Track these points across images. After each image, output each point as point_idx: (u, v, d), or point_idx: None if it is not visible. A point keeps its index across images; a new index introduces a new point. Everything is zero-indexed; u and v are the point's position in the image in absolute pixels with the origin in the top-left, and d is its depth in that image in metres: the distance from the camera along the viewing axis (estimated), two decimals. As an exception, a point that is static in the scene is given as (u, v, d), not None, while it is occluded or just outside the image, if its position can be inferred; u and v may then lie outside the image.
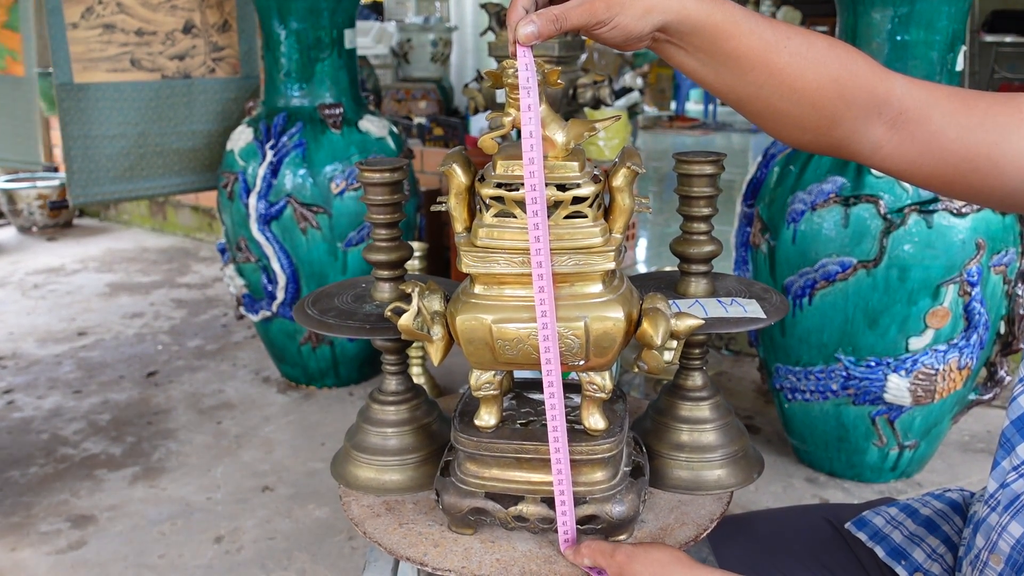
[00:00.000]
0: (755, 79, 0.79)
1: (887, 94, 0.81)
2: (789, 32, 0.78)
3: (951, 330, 1.91)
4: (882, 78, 0.81)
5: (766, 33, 0.77)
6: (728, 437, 0.98)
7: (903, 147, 0.82)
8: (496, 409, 0.87)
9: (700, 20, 0.75)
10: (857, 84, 0.80)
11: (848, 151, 0.84)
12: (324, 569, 1.89)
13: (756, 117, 0.83)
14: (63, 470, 2.31)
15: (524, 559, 0.85)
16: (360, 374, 2.82)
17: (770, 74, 0.78)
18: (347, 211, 2.53)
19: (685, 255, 0.99)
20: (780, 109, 0.81)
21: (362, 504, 0.95)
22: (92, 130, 2.48)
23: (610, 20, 0.72)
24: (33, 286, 3.96)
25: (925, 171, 0.82)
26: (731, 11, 0.76)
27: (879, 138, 0.82)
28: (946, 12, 1.85)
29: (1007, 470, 0.81)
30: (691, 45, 0.77)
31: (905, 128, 0.81)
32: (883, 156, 0.83)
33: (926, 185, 0.84)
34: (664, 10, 0.74)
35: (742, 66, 0.78)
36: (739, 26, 0.76)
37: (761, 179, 2.16)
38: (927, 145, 0.81)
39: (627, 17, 0.73)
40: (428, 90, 4.72)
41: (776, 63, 0.78)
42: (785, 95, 0.79)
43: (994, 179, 0.80)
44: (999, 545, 0.80)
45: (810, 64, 0.79)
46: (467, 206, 0.82)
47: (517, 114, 0.78)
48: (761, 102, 0.81)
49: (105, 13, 2.43)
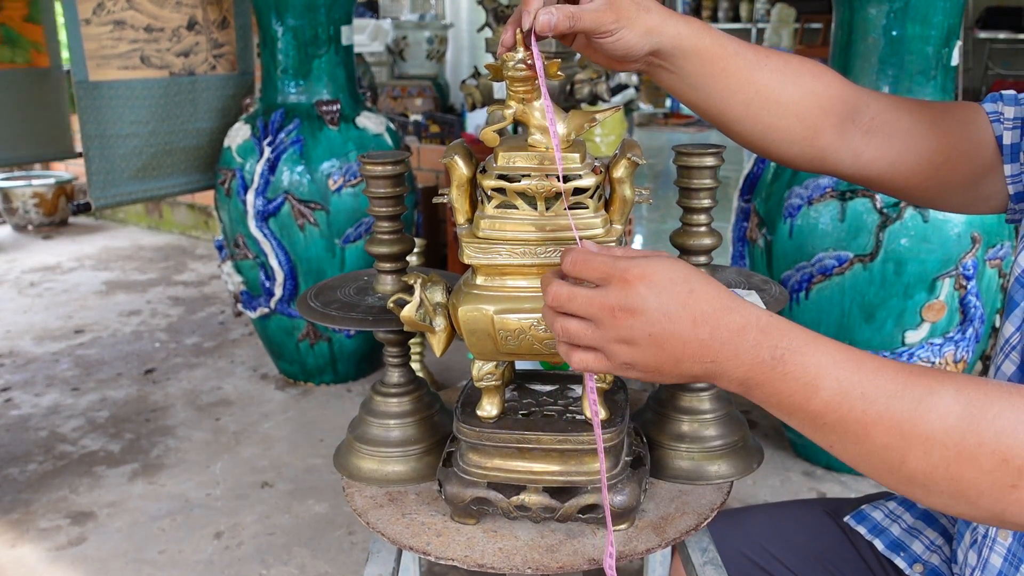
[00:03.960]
0: (743, 97, 0.85)
1: (857, 101, 0.89)
2: (767, 52, 0.86)
3: (947, 323, 1.92)
4: (851, 88, 0.90)
5: (748, 53, 0.85)
6: (728, 428, 0.99)
7: (881, 150, 0.88)
8: (498, 399, 0.87)
9: (692, 44, 0.82)
10: (831, 94, 0.88)
11: (832, 161, 0.90)
12: (324, 564, 1.89)
13: (746, 137, 0.90)
14: (62, 467, 2.31)
15: (527, 548, 0.86)
16: (358, 370, 2.82)
17: (756, 91, 0.85)
18: (345, 207, 2.53)
19: (685, 247, 0.99)
20: (768, 124, 0.87)
21: (365, 495, 0.96)
22: (107, 129, 2.48)
23: (616, 31, 0.77)
24: (29, 284, 3.95)
25: (904, 172, 0.88)
26: (716, 35, 0.83)
27: (857, 145, 0.89)
28: (941, 7, 1.86)
29: None
30: (682, 70, 0.83)
31: (880, 132, 0.88)
32: (864, 162, 0.89)
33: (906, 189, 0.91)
34: (662, 32, 0.80)
35: (730, 86, 0.84)
36: (725, 48, 0.83)
37: (758, 174, 2.17)
38: (903, 144, 0.88)
39: (631, 33, 0.78)
40: (424, 87, 4.72)
41: (760, 80, 0.85)
42: (772, 109, 0.86)
43: (964, 167, 0.86)
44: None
45: (789, 78, 0.86)
46: (469, 198, 0.83)
47: (517, 107, 0.79)
48: (750, 120, 0.87)
49: (115, 9, 2.42)
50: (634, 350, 0.62)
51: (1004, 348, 0.83)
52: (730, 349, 0.61)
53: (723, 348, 0.61)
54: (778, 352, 0.60)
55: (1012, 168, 0.86)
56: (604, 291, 0.62)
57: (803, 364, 0.60)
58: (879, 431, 0.59)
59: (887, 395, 0.59)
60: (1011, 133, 0.86)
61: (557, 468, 0.86)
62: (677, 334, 0.61)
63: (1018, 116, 0.86)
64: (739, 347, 0.61)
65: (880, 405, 0.59)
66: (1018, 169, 0.87)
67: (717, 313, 0.61)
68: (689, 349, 0.61)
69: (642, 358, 0.63)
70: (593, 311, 0.63)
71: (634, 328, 0.61)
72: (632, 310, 0.61)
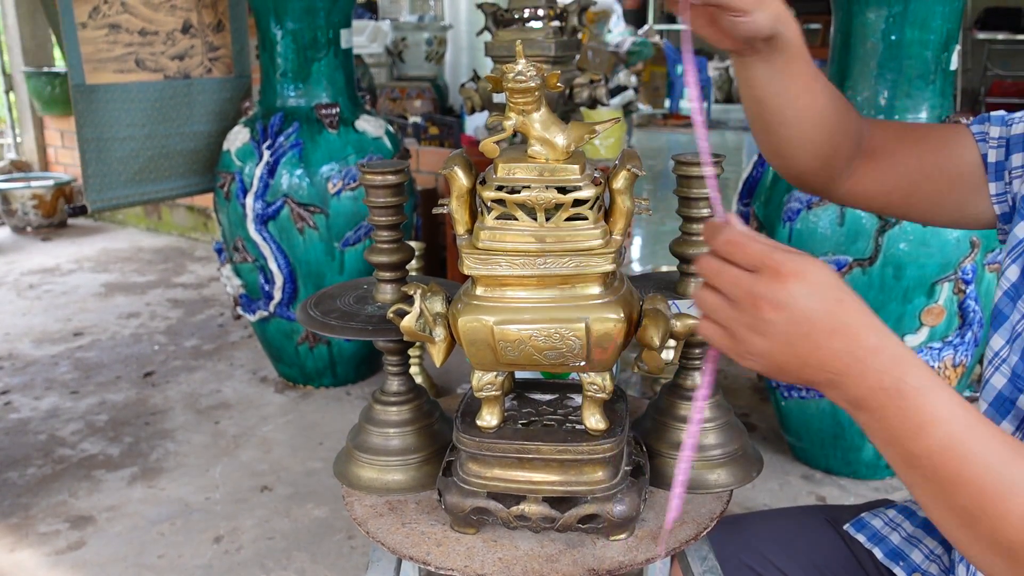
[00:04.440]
0: (802, 103, 0.90)
1: (860, 124, 0.96)
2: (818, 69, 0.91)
3: (946, 328, 1.92)
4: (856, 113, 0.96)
5: (813, 64, 0.90)
6: (728, 436, 0.99)
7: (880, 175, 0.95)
8: (498, 409, 0.88)
9: (794, 38, 0.85)
10: (850, 116, 0.94)
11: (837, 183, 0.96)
12: (323, 568, 1.89)
13: (783, 142, 0.94)
14: (61, 471, 2.31)
15: (526, 558, 0.86)
16: (357, 373, 2.82)
17: (812, 99, 0.89)
18: (344, 211, 2.53)
19: (684, 256, 0.99)
20: (807, 134, 0.91)
21: (365, 504, 0.96)
22: (104, 132, 2.48)
23: (752, 12, 0.79)
24: (28, 286, 3.95)
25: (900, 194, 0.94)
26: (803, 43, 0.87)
27: (861, 168, 0.96)
28: (940, 11, 1.86)
29: None
30: (775, 63, 0.87)
31: (878, 157, 0.95)
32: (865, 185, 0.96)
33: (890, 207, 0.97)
34: (784, 21, 0.83)
35: (799, 89, 0.88)
36: (804, 50, 0.87)
37: (757, 178, 2.17)
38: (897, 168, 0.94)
39: (762, 15, 0.80)
40: (423, 89, 4.72)
41: (817, 89, 0.89)
42: (816, 120, 0.91)
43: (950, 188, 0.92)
44: None
45: (830, 96, 0.91)
46: (468, 208, 0.83)
47: (518, 118, 0.79)
48: (796, 126, 0.91)
49: (111, 13, 2.42)
50: (764, 342, 0.62)
51: (994, 361, 0.85)
52: (859, 367, 0.60)
53: (853, 364, 0.60)
54: (903, 385, 0.60)
55: (997, 187, 0.89)
56: (754, 278, 0.61)
57: (921, 405, 0.60)
58: (965, 493, 0.60)
59: (986, 465, 0.59)
60: (996, 151, 0.88)
61: (557, 478, 0.86)
62: (812, 339, 0.60)
63: (1003, 136, 0.88)
64: (867, 367, 0.60)
65: (976, 471, 0.60)
66: (1003, 188, 0.89)
67: (857, 328, 0.61)
68: (819, 356, 0.61)
69: (769, 352, 0.62)
70: (738, 293, 0.62)
71: (772, 322, 0.61)
72: (777, 304, 0.60)
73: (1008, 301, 0.82)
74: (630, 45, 7.08)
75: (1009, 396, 0.83)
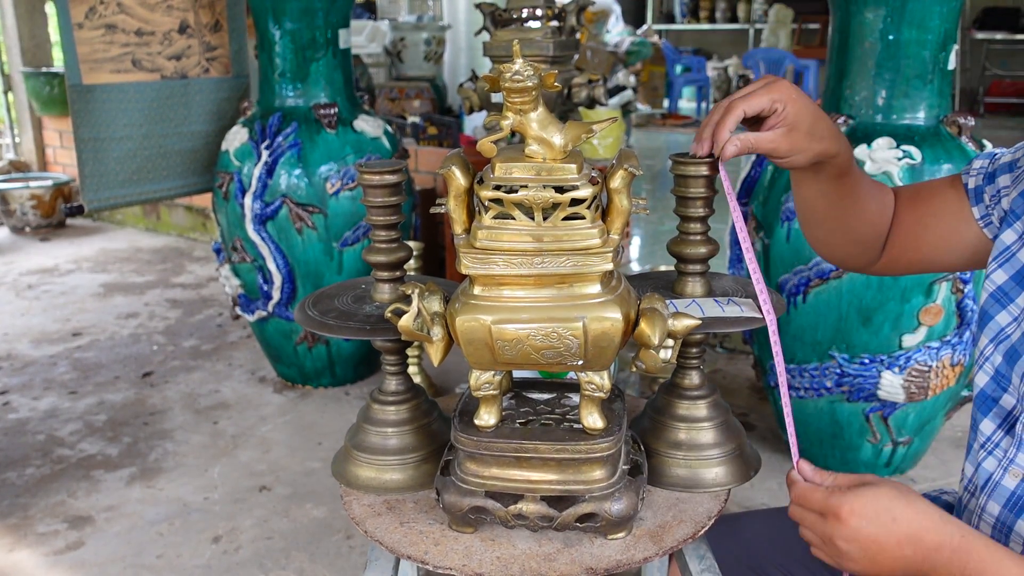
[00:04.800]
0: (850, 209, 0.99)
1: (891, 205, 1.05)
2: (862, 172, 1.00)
3: (944, 327, 1.93)
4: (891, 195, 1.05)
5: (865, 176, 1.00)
6: (725, 435, 0.99)
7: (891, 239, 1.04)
8: (496, 409, 0.88)
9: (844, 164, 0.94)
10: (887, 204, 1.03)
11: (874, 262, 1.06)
12: (322, 568, 1.89)
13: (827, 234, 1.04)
14: (60, 471, 2.31)
15: (524, 557, 0.86)
16: (356, 373, 2.82)
17: (857, 203, 0.99)
18: (342, 211, 2.53)
19: (682, 255, 1.00)
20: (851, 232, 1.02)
21: (363, 503, 0.96)
22: (101, 132, 2.48)
23: (788, 156, 0.90)
24: (27, 287, 3.95)
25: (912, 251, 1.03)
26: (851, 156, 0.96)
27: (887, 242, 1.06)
28: (938, 11, 1.86)
29: (976, 450, 0.87)
30: (824, 182, 0.96)
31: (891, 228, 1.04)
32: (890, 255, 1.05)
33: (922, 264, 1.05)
34: (824, 154, 0.91)
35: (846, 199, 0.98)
36: (854, 168, 0.97)
37: (755, 178, 2.17)
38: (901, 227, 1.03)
39: (801, 158, 0.90)
40: (422, 89, 4.72)
41: (861, 194, 0.99)
42: (861, 218, 1.00)
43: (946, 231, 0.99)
44: (980, 527, 0.85)
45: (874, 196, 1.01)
46: (466, 208, 0.83)
47: (515, 117, 0.79)
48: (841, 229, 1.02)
49: (107, 13, 2.43)
50: (854, 564, 0.77)
51: (979, 360, 0.89)
52: (929, 564, 0.75)
53: (924, 563, 0.75)
54: (967, 570, 0.74)
55: (979, 210, 0.95)
56: (824, 522, 0.78)
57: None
58: None
59: None
60: (975, 179, 0.97)
61: (555, 477, 0.86)
62: (888, 553, 0.75)
63: (984, 168, 0.96)
64: (936, 563, 0.75)
65: None
66: (984, 211, 0.95)
67: (917, 534, 0.75)
68: (898, 564, 0.76)
69: (862, 568, 0.77)
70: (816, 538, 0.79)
71: (850, 552, 0.76)
72: (847, 539, 0.76)
73: (993, 303, 0.88)
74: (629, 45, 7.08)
75: (992, 394, 0.87)
